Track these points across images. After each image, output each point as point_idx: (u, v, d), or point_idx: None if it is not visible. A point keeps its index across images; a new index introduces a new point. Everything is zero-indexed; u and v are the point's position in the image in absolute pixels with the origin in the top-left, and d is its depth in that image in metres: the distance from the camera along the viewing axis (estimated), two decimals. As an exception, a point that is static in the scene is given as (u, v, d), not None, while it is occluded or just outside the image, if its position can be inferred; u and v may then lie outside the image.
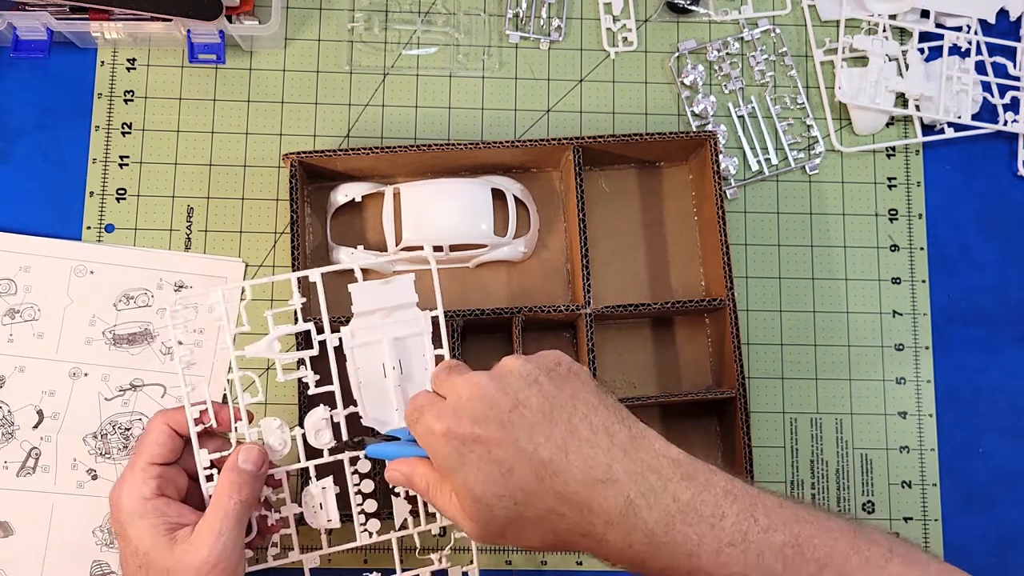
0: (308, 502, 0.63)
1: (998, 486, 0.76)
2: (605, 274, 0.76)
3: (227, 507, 0.57)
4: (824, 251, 0.78)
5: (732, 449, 0.72)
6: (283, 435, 0.62)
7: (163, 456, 0.59)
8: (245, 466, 0.59)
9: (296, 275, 0.62)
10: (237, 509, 0.57)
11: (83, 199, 0.76)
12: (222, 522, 0.57)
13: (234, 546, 0.57)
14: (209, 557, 0.56)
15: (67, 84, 0.77)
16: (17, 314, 0.73)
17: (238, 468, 0.59)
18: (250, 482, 0.59)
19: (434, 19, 0.80)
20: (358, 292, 0.62)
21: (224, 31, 0.75)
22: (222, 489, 0.58)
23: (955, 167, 0.81)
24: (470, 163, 0.75)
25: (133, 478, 0.58)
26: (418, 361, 0.63)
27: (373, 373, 0.62)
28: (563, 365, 0.55)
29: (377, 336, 0.62)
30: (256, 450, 0.60)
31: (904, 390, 0.77)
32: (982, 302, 0.79)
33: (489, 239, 0.73)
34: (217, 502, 0.58)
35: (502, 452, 0.52)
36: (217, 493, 0.58)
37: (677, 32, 0.81)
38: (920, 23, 0.81)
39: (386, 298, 0.62)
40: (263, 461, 0.60)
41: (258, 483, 0.60)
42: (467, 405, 0.53)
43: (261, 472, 0.60)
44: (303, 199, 0.74)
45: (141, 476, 0.58)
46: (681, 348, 0.76)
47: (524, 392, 0.53)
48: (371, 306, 0.62)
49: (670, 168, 0.78)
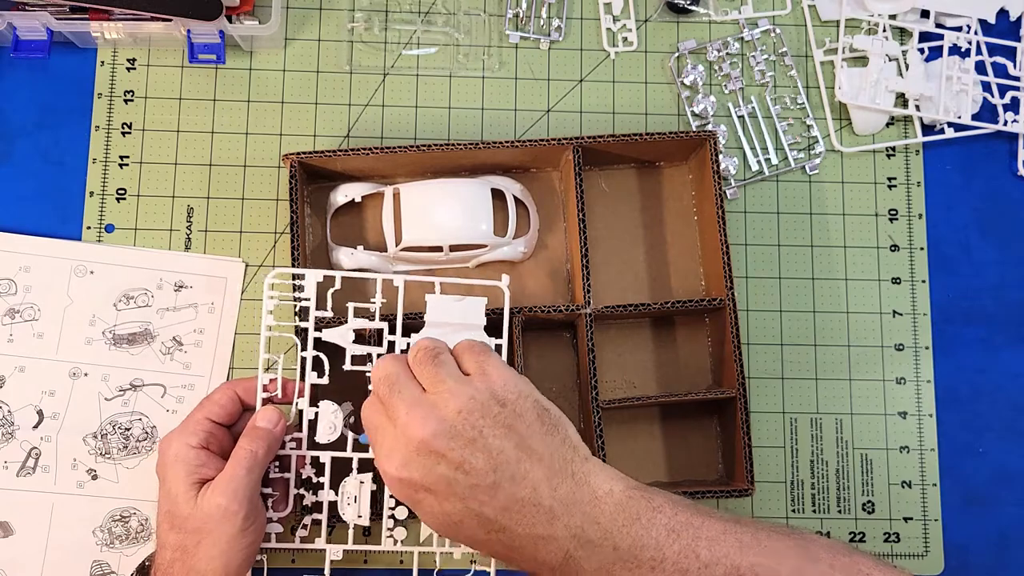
0: (345, 493, 0.65)
1: (998, 486, 0.77)
2: (605, 274, 0.76)
3: (240, 457, 0.62)
4: (824, 251, 0.78)
5: (732, 449, 0.72)
6: (335, 420, 0.65)
7: (220, 416, 0.64)
8: (261, 423, 0.63)
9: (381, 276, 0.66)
10: (249, 459, 0.61)
11: (83, 199, 0.76)
12: (235, 471, 0.61)
13: (247, 496, 0.61)
14: (222, 502, 0.60)
15: (67, 84, 0.77)
16: (17, 314, 0.73)
17: (255, 426, 0.63)
18: (265, 438, 0.63)
19: (434, 19, 0.80)
20: (434, 304, 0.65)
21: (224, 31, 0.75)
22: (240, 443, 0.63)
23: (955, 167, 0.81)
24: (470, 163, 0.75)
25: (185, 427, 0.64)
26: None
27: None
28: (507, 405, 0.57)
29: None
30: (272, 410, 0.64)
31: (904, 390, 0.77)
32: (982, 302, 0.79)
33: (489, 239, 0.73)
34: (234, 455, 0.62)
35: (449, 506, 0.56)
36: (236, 448, 0.62)
37: (677, 32, 0.81)
38: (920, 23, 0.81)
39: (458, 314, 0.65)
40: (279, 419, 0.64)
41: (274, 441, 0.63)
42: (415, 458, 0.56)
43: (277, 430, 0.64)
44: (303, 199, 0.74)
45: (193, 427, 0.63)
46: (681, 348, 0.76)
47: (467, 452, 0.55)
48: (443, 319, 0.65)
49: (670, 168, 0.78)
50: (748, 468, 0.70)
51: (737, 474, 0.71)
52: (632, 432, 0.75)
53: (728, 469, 0.73)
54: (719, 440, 0.75)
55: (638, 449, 0.75)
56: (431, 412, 0.56)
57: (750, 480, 0.70)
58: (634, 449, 0.75)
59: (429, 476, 0.55)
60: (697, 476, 0.75)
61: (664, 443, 0.75)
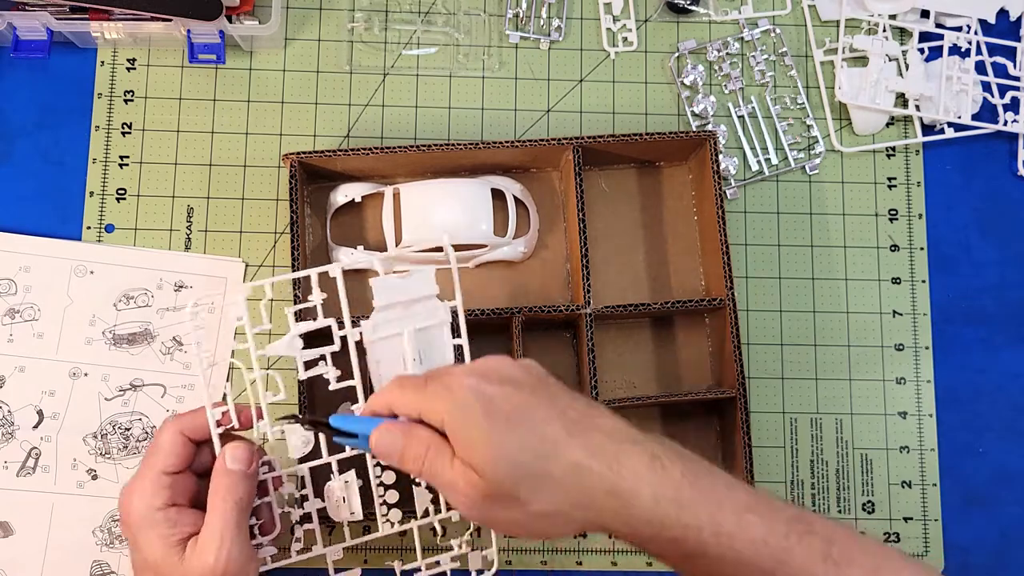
0: (330, 496, 0.63)
1: (998, 486, 0.77)
2: (605, 274, 0.76)
3: (224, 510, 0.57)
4: (824, 251, 0.78)
5: (732, 449, 0.72)
6: (306, 433, 0.62)
7: (176, 465, 0.58)
8: (234, 466, 0.58)
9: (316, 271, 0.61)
10: (234, 511, 0.57)
11: (83, 199, 0.76)
12: (222, 527, 0.56)
13: (239, 549, 0.56)
14: (216, 564, 0.55)
15: (67, 84, 0.77)
16: (17, 314, 0.73)
17: (227, 470, 0.58)
18: (242, 481, 0.58)
19: (434, 19, 0.80)
20: (379, 286, 0.61)
21: (224, 31, 0.75)
22: (216, 493, 0.57)
23: (955, 167, 0.81)
24: (470, 163, 0.75)
25: (144, 487, 0.58)
26: (439, 351, 0.63)
27: (393, 366, 0.62)
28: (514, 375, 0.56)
29: (397, 329, 0.62)
30: (243, 447, 0.58)
31: (904, 390, 0.77)
32: (982, 302, 0.79)
33: (489, 239, 0.73)
34: (213, 507, 0.57)
35: (533, 411, 0.53)
36: (211, 497, 0.57)
37: (677, 32, 0.81)
38: (920, 23, 0.81)
39: (407, 291, 0.62)
40: (251, 458, 0.58)
41: (251, 481, 0.58)
42: (498, 369, 0.55)
43: (252, 470, 0.58)
44: (303, 199, 0.74)
45: (152, 486, 0.57)
46: (681, 348, 0.76)
47: (544, 377, 0.56)
48: (392, 299, 0.62)
49: (670, 168, 0.78)
50: (748, 468, 0.70)
51: (736, 474, 0.71)
52: (632, 432, 0.75)
53: (728, 469, 0.72)
54: (719, 440, 0.75)
55: (638, 449, 0.75)
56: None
57: (750, 480, 0.69)
58: (634, 449, 0.74)
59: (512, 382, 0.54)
60: (697, 476, 0.74)
61: (664, 443, 0.75)
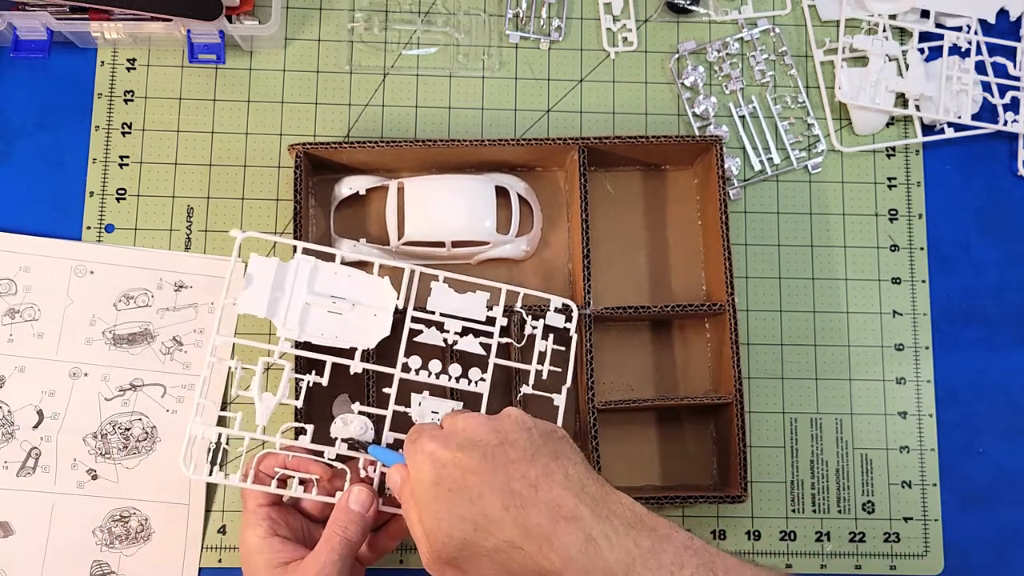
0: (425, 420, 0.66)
1: (998, 486, 0.77)
2: (606, 275, 0.76)
3: (333, 541, 0.61)
4: (824, 251, 0.78)
5: (727, 454, 0.72)
6: (361, 420, 0.65)
7: (265, 497, 0.64)
8: (354, 507, 0.62)
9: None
10: (343, 546, 0.61)
11: (83, 199, 0.76)
12: (327, 554, 0.60)
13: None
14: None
15: (67, 84, 0.77)
16: (17, 314, 0.73)
17: (348, 508, 0.62)
18: (358, 521, 0.62)
19: (434, 19, 0.80)
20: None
21: (224, 31, 0.75)
22: (331, 525, 0.61)
23: (955, 167, 0.81)
24: (474, 160, 0.75)
25: (248, 519, 0.63)
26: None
27: None
28: (558, 432, 0.57)
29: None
30: (367, 492, 0.63)
31: (904, 390, 0.77)
32: (982, 302, 0.79)
33: (492, 236, 0.73)
34: (326, 536, 0.61)
35: (476, 479, 0.53)
36: (328, 527, 0.62)
37: (677, 32, 0.81)
38: (920, 23, 0.81)
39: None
40: (371, 504, 0.63)
41: (366, 524, 0.62)
42: (459, 435, 0.56)
43: (369, 515, 0.62)
44: (307, 190, 0.73)
45: (253, 517, 0.63)
46: (680, 352, 0.76)
47: (514, 434, 0.55)
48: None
49: (675, 172, 0.78)
50: (742, 474, 0.69)
51: (731, 480, 0.71)
52: (628, 434, 0.75)
53: (723, 475, 0.73)
54: (714, 445, 0.75)
55: (633, 452, 0.74)
56: (484, 416, 0.57)
57: (743, 487, 0.69)
58: (629, 452, 0.74)
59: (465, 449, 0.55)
60: (691, 481, 0.74)
61: (659, 447, 0.75)
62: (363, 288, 0.68)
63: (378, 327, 0.67)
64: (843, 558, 0.75)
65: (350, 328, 0.67)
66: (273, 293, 0.66)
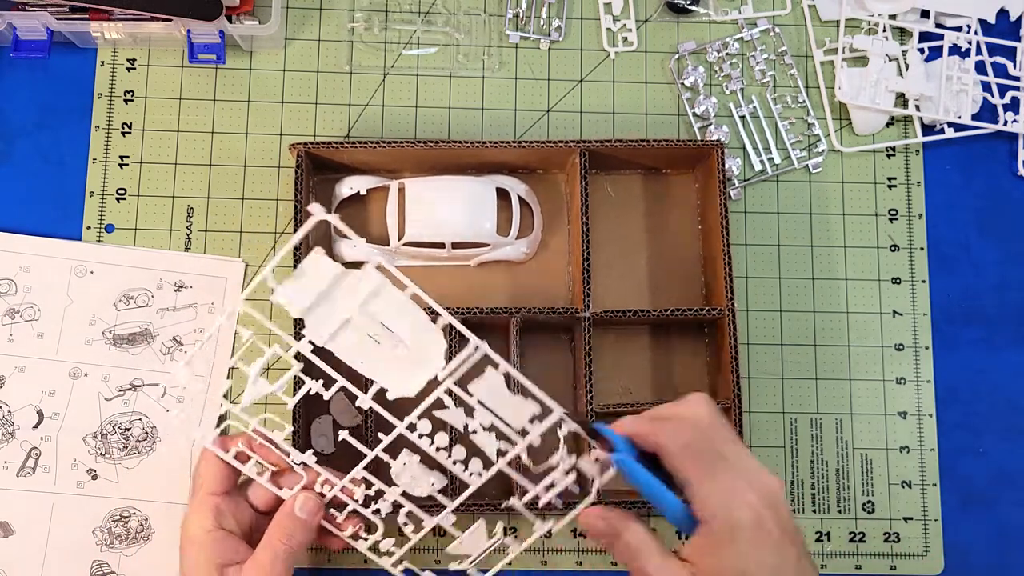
0: (401, 479, 0.61)
1: (998, 486, 0.77)
2: (606, 278, 0.76)
3: (277, 549, 0.59)
4: (824, 251, 0.78)
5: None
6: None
7: (219, 485, 0.62)
8: (300, 514, 0.61)
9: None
10: (286, 554, 0.60)
11: (83, 199, 0.76)
12: (271, 564, 0.59)
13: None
14: None
15: (67, 84, 0.77)
16: (17, 314, 0.73)
17: (293, 515, 0.61)
18: (303, 529, 0.61)
19: (434, 19, 0.80)
20: None
21: (224, 31, 0.75)
22: (274, 531, 0.60)
23: (955, 167, 0.81)
24: (475, 161, 0.75)
25: (194, 507, 0.62)
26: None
27: None
28: (783, 513, 0.55)
29: None
30: (314, 500, 0.62)
31: (904, 390, 0.77)
32: (982, 302, 0.79)
33: (492, 238, 0.73)
34: (268, 543, 0.60)
35: (785, 551, 0.52)
36: (269, 534, 0.60)
37: (677, 32, 0.81)
38: (920, 23, 0.81)
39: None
40: (318, 511, 0.61)
41: (311, 531, 0.61)
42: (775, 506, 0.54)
43: (314, 522, 0.61)
44: (308, 190, 0.73)
45: (200, 506, 0.61)
46: (679, 356, 0.76)
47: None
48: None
49: (676, 176, 0.78)
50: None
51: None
52: (628, 435, 0.74)
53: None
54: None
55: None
56: None
57: None
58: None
59: None
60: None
61: (659, 448, 0.75)
62: (416, 332, 0.57)
63: (406, 381, 0.57)
64: (843, 558, 0.75)
65: (379, 362, 0.58)
66: (317, 297, 0.57)
